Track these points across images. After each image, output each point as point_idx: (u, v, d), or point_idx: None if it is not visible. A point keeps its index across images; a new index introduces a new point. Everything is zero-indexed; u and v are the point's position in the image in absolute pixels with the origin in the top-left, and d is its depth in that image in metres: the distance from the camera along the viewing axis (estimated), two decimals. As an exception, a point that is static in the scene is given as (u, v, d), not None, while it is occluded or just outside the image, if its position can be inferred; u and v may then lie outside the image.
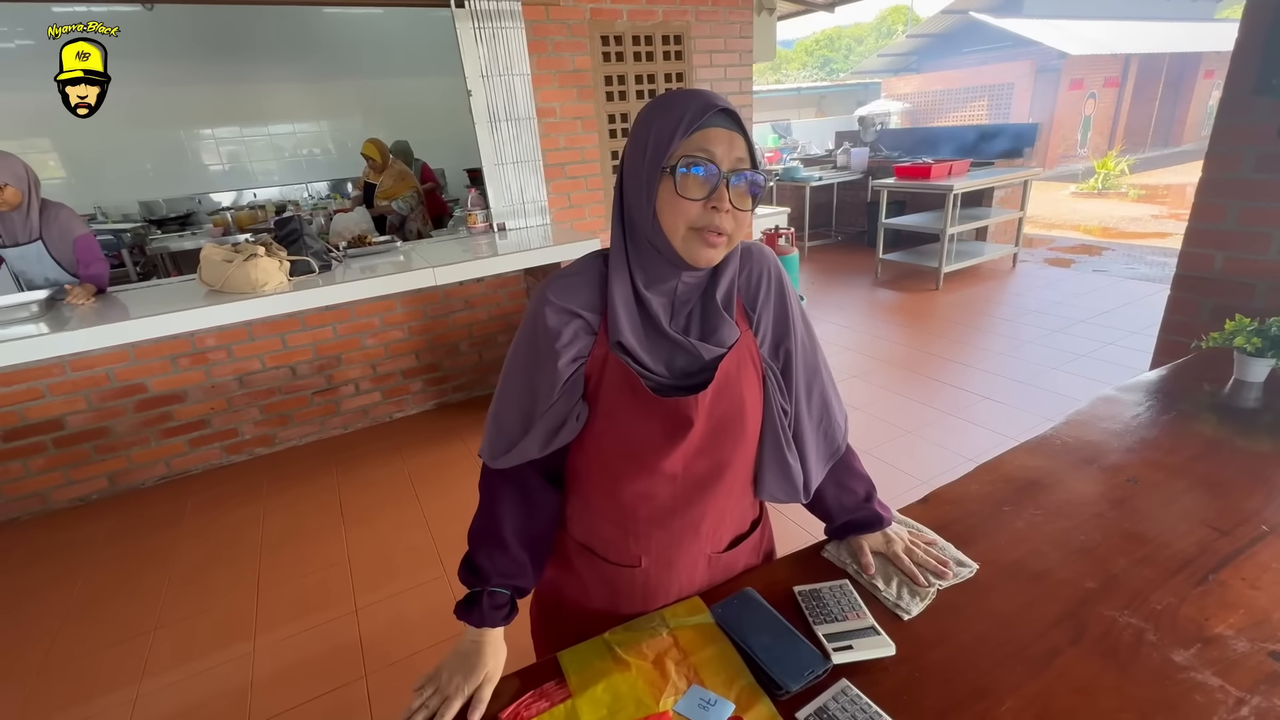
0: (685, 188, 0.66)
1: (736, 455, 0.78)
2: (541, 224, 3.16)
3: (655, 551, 0.82)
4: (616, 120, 3.26)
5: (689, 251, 0.68)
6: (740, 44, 3.50)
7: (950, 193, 4.32)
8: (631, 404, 0.73)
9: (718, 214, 0.66)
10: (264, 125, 6.63)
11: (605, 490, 0.80)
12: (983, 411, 2.78)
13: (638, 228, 0.71)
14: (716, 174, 0.65)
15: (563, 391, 0.74)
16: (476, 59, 2.81)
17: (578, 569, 0.87)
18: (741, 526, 0.89)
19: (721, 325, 0.74)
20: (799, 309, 0.82)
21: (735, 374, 0.75)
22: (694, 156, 0.65)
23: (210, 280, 2.25)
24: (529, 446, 0.76)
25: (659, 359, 0.74)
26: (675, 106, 0.67)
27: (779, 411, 0.79)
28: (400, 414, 3.15)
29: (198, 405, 2.70)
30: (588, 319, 0.74)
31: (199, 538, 2.32)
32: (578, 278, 0.75)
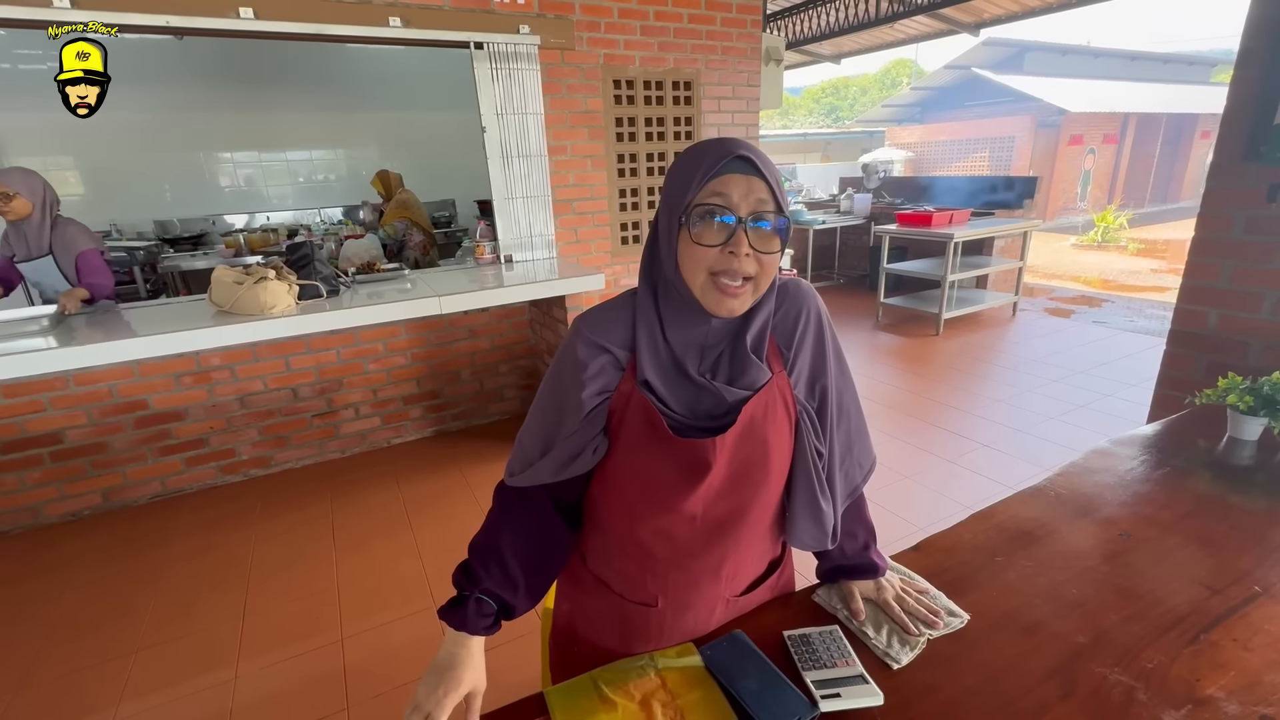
0: (701, 235, 0.67)
1: (759, 499, 0.78)
2: (548, 257, 3.22)
3: (672, 592, 0.82)
4: (625, 160, 3.35)
5: (708, 301, 0.70)
6: (748, 92, 3.62)
7: (951, 240, 4.40)
8: (651, 442, 0.74)
9: (735, 259, 0.67)
10: (282, 151, 6.81)
11: (624, 527, 0.80)
12: (981, 459, 2.77)
13: (665, 274, 0.73)
14: (733, 219, 0.67)
15: (584, 422, 0.75)
16: (492, 98, 2.90)
17: (594, 604, 0.87)
18: (760, 569, 0.89)
19: (750, 368, 0.74)
20: (836, 346, 0.82)
21: (761, 417, 0.75)
22: (708, 204, 0.67)
23: (220, 301, 2.28)
24: (543, 470, 0.78)
25: (683, 401, 0.75)
26: (696, 155, 0.69)
27: (813, 454, 0.78)
28: (399, 440, 3.15)
29: (197, 424, 2.71)
30: (617, 355, 0.76)
31: (188, 559, 2.30)
32: (612, 314, 0.77)
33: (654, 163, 3.44)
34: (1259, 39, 1.68)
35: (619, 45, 3.17)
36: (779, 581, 0.92)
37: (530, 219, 3.14)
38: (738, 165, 0.67)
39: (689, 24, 3.33)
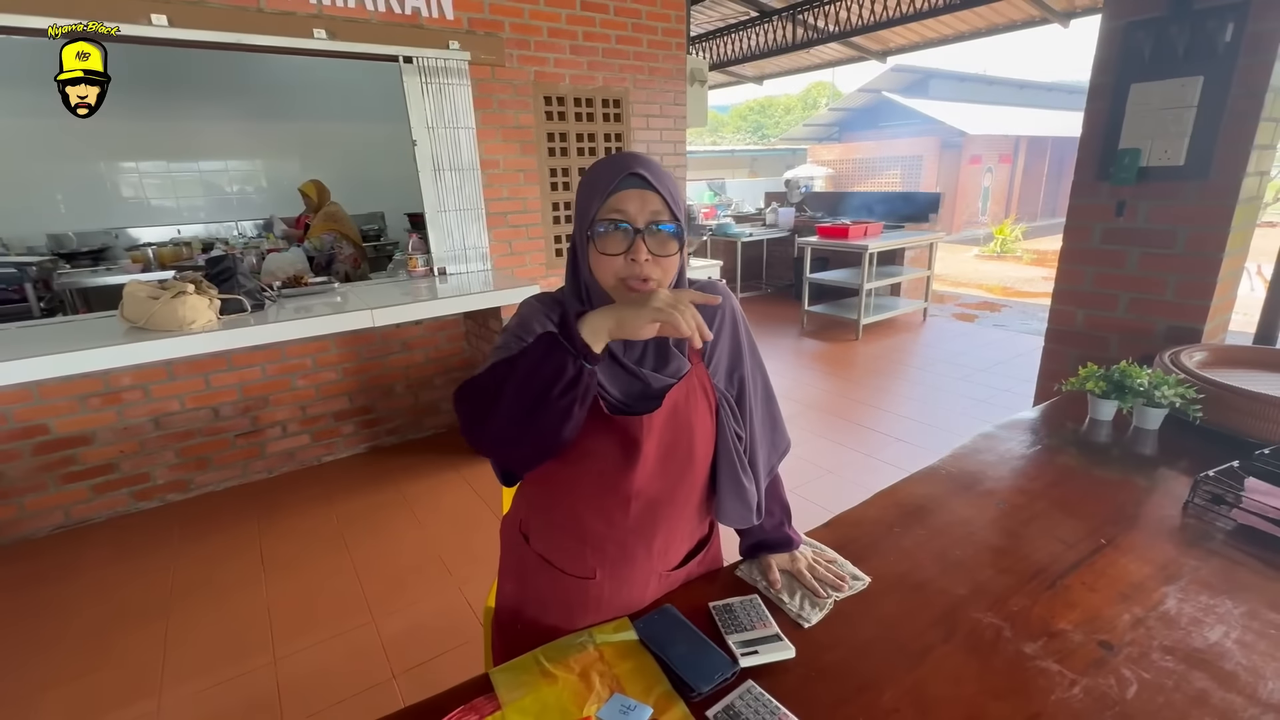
0: (604, 245, 0.76)
1: (686, 479, 0.87)
2: (482, 269, 3.23)
3: (609, 566, 0.89)
4: (558, 174, 3.42)
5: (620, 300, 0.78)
6: (675, 110, 3.78)
7: (866, 252, 4.72)
8: (592, 424, 0.80)
9: (637, 264, 0.76)
10: (194, 161, 6.44)
11: (565, 505, 0.87)
12: (893, 451, 2.99)
13: (584, 280, 0.82)
14: (630, 230, 0.75)
15: None
16: (423, 111, 2.91)
17: (537, 582, 0.93)
18: (689, 545, 0.97)
19: (672, 359, 0.84)
20: (751, 340, 0.93)
21: (684, 403, 0.84)
22: (608, 218, 0.76)
23: (133, 317, 2.18)
24: None
25: (618, 386, 0.83)
26: (594, 175, 0.79)
27: (733, 437, 0.88)
28: (330, 457, 3.06)
29: (106, 448, 2.55)
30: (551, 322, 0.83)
31: (100, 591, 2.16)
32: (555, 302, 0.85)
33: (586, 177, 3.53)
34: (1104, 76, 1.95)
35: (549, 63, 3.26)
36: (707, 557, 1.01)
37: (463, 232, 3.15)
38: (633, 181, 0.76)
39: (617, 44, 3.45)
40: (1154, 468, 1.31)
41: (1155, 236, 1.90)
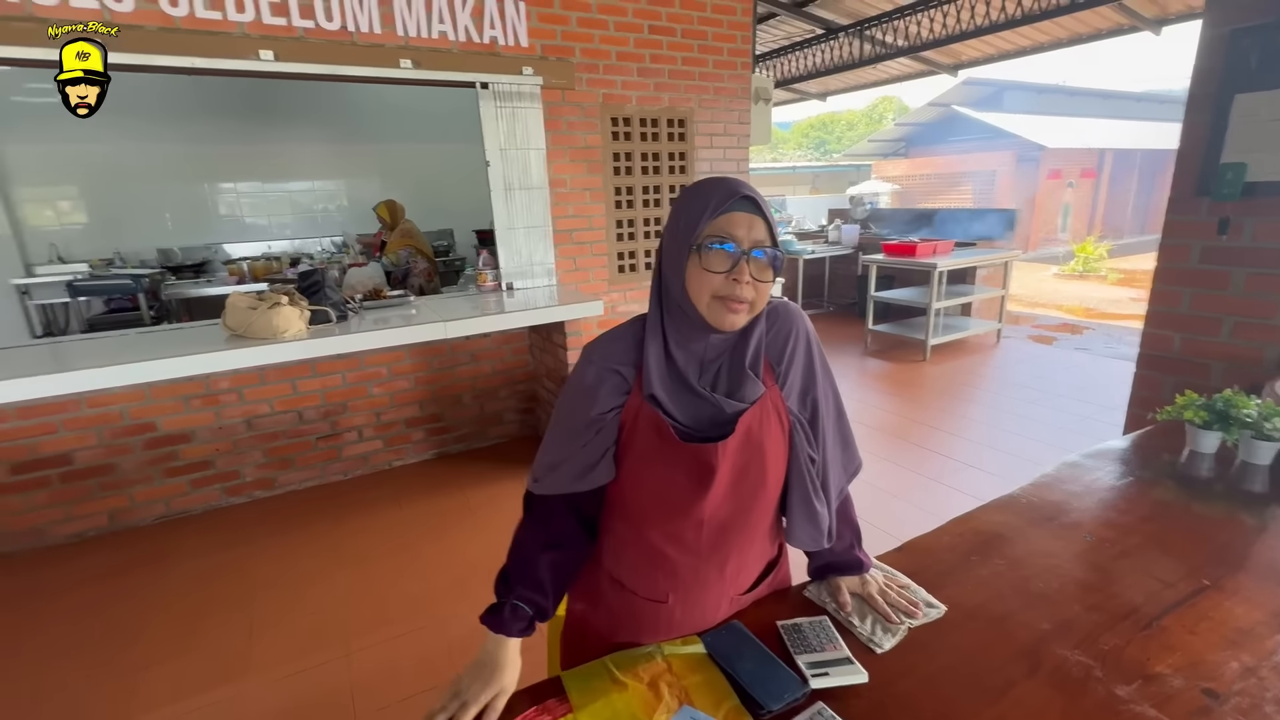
0: (709, 263, 0.78)
1: (758, 503, 0.87)
2: (548, 285, 3.33)
3: (682, 590, 0.90)
4: (622, 192, 3.50)
5: (714, 317, 0.79)
6: (739, 129, 3.80)
7: (935, 270, 4.56)
8: (661, 450, 0.83)
9: (738, 285, 0.77)
10: (284, 182, 6.96)
11: (638, 530, 0.89)
12: (964, 478, 2.86)
13: (671, 295, 0.83)
14: (737, 252, 0.78)
15: (597, 435, 0.85)
16: (496, 134, 3.05)
17: (608, 601, 0.95)
18: (760, 568, 0.97)
19: (746, 382, 0.84)
20: (824, 361, 0.92)
21: (757, 427, 0.84)
22: (717, 236, 0.78)
23: (234, 325, 2.37)
24: (561, 479, 0.87)
25: (687, 412, 0.84)
26: (704, 193, 0.80)
27: (806, 460, 0.88)
28: (400, 462, 3.21)
29: (204, 446, 2.77)
30: (624, 374, 0.86)
31: (193, 579, 2.33)
32: (618, 341, 0.88)
33: (650, 195, 3.59)
34: (1205, 87, 1.84)
35: (617, 85, 3.35)
36: (776, 578, 1.00)
37: (531, 248, 3.27)
38: (742, 205, 0.79)
39: (683, 66, 3.52)
40: (1264, 506, 1.21)
41: (1263, 256, 1.77)
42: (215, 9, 2.45)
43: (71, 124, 5.83)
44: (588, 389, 0.86)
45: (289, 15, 2.56)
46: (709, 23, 3.52)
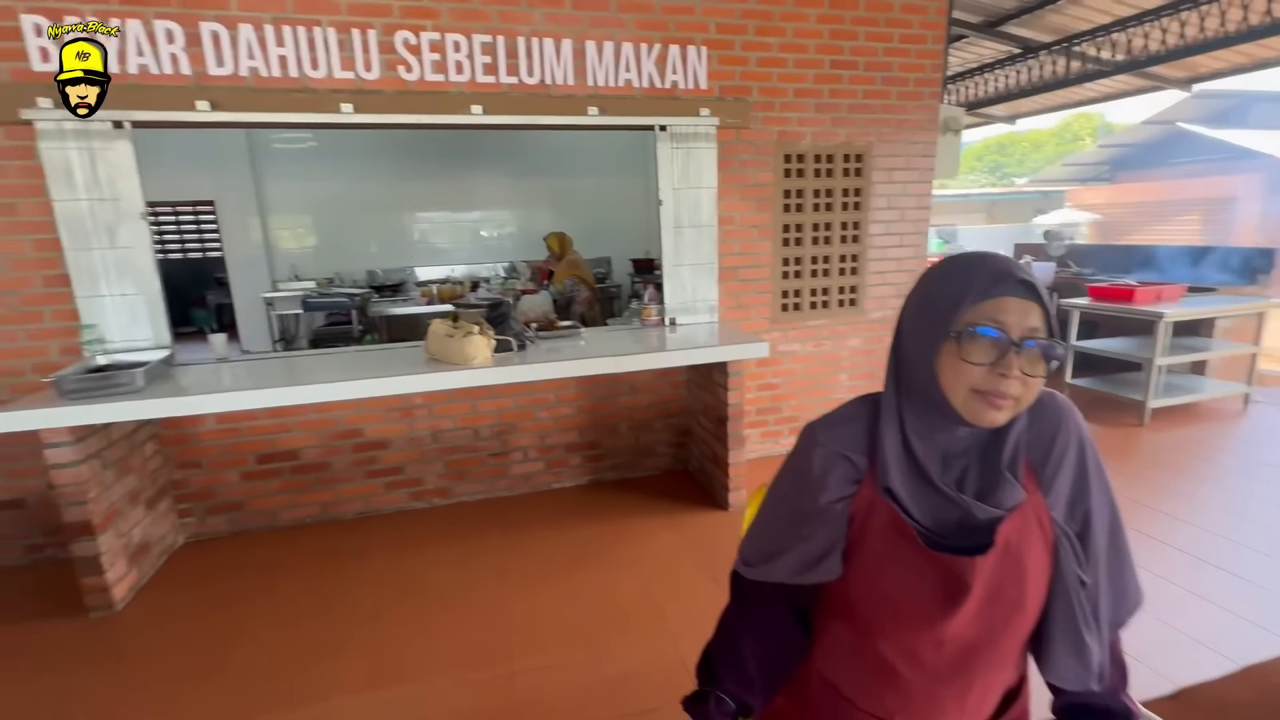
0: (970, 353, 0.68)
1: (1012, 627, 0.75)
2: (710, 321, 3.33)
3: (913, 712, 0.80)
4: (791, 230, 3.41)
5: (970, 411, 0.70)
6: (921, 162, 3.55)
7: (1160, 320, 3.87)
8: (900, 553, 0.75)
9: (1004, 380, 0.68)
10: (466, 211, 7.80)
11: (864, 636, 0.80)
12: (1209, 582, 2.33)
13: (914, 380, 0.75)
14: (1006, 341, 0.68)
15: (823, 526, 0.78)
16: (670, 174, 3.13)
17: (817, 704, 0.87)
18: (1000, 695, 0.84)
19: (1002, 485, 0.73)
20: (1099, 465, 0.78)
21: (1017, 540, 0.73)
22: (983, 322, 0.68)
23: (433, 350, 2.64)
24: (780, 569, 0.81)
25: (928, 512, 0.75)
26: (967, 271, 0.71)
27: (1075, 583, 0.74)
28: (559, 485, 3.35)
29: (398, 453, 3.11)
30: (855, 461, 0.78)
31: (383, 573, 2.60)
32: (847, 424, 0.81)
33: (819, 232, 3.46)
34: None
35: (792, 122, 3.29)
36: (1015, 712, 0.85)
37: (695, 285, 3.29)
38: (1016, 289, 0.69)
39: (864, 99, 3.37)
40: None
41: None
42: (439, 72, 2.79)
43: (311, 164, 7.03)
44: (813, 474, 0.79)
45: (497, 74, 2.85)
46: (896, 53, 3.34)
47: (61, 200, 2.48)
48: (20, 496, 2.71)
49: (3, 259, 2.52)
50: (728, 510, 3.00)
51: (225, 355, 2.84)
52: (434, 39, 2.75)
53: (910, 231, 3.61)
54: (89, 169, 2.48)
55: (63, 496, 2.25)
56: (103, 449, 2.41)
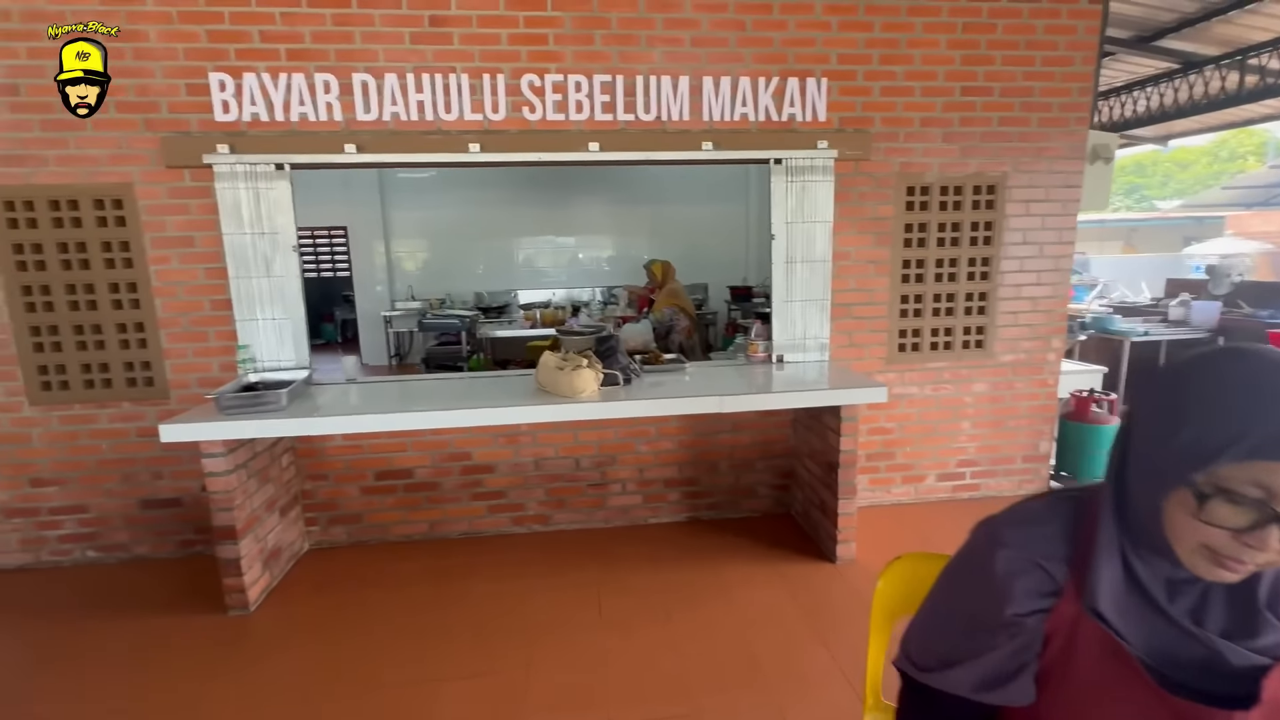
0: (1216, 515, 0.56)
1: None
2: (819, 360, 3.18)
3: None
4: (911, 265, 3.20)
5: (1194, 564, 0.58)
6: (1065, 193, 3.23)
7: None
8: (1120, 688, 0.63)
9: (1251, 550, 0.55)
10: (567, 236, 8.07)
11: None
12: None
13: (1132, 504, 0.63)
14: (1270, 514, 0.54)
15: (1011, 640, 0.67)
16: (785, 207, 3.04)
17: None
18: None
19: (1261, 625, 0.60)
20: None
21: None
22: (1243, 487, 0.54)
23: (543, 381, 2.69)
24: (959, 680, 0.70)
25: (1151, 643, 0.63)
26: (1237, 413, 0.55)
27: None
28: (655, 520, 3.30)
29: (502, 478, 3.18)
30: (1051, 571, 0.67)
31: (485, 597, 2.64)
32: (1040, 526, 0.70)
33: (944, 269, 3.23)
34: None
35: (917, 153, 3.11)
36: None
37: (806, 321, 3.16)
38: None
39: (998, 127, 3.13)
40: None
41: None
42: (560, 111, 2.88)
43: (430, 193, 7.54)
44: (995, 579, 0.68)
45: (615, 111, 2.90)
46: (1037, 77, 3.09)
47: (230, 234, 2.78)
48: (179, 495, 3.02)
49: (180, 285, 2.86)
50: (835, 563, 2.81)
51: (354, 376, 3.05)
52: (557, 80, 2.85)
53: (1049, 269, 3.29)
54: (254, 206, 2.77)
55: (214, 502, 2.48)
56: (249, 460, 2.63)
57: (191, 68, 2.67)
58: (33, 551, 3.01)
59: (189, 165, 2.73)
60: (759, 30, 2.91)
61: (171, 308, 2.86)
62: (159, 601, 2.69)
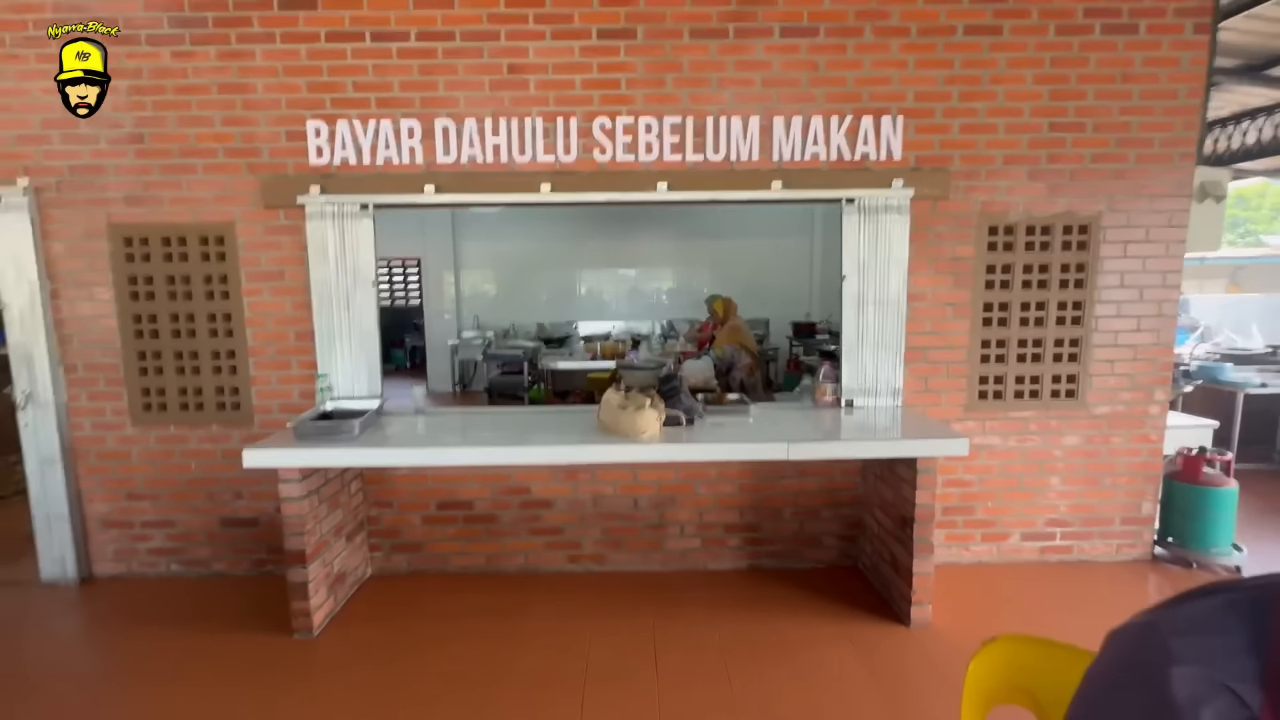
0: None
1: None
2: (891, 405, 3.02)
3: None
4: (994, 309, 3.02)
5: None
6: (1167, 234, 2.99)
7: None
8: None
9: None
10: (628, 269, 8.16)
11: None
12: None
13: None
14: None
15: None
16: (857, 248, 2.95)
17: None
18: None
19: None
20: None
21: None
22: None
23: (604, 419, 2.67)
24: None
25: None
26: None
27: None
28: (714, 566, 3.19)
29: (560, 514, 3.16)
30: (1242, 694, 0.56)
31: (540, 638, 2.59)
32: (1219, 635, 0.58)
33: (1030, 312, 3.03)
34: None
35: (1000, 191, 2.96)
36: None
37: (877, 365, 3.02)
38: None
39: (1091, 164, 2.95)
40: None
41: None
42: (630, 152, 2.92)
43: (499, 226, 7.78)
44: (1177, 706, 0.57)
45: (684, 152, 2.92)
46: (1135, 111, 2.90)
47: (316, 269, 2.94)
48: (255, 516, 3.16)
49: (269, 316, 3.03)
50: (909, 626, 2.61)
51: (422, 407, 3.12)
52: (627, 122, 2.89)
53: (1151, 314, 3.03)
54: (339, 243, 2.92)
55: (287, 526, 2.56)
56: (320, 486, 2.72)
57: (291, 116, 2.88)
58: (125, 562, 3.20)
59: (284, 205, 2.91)
60: (832, 70, 2.87)
61: (260, 337, 3.04)
62: (231, 619, 2.78)
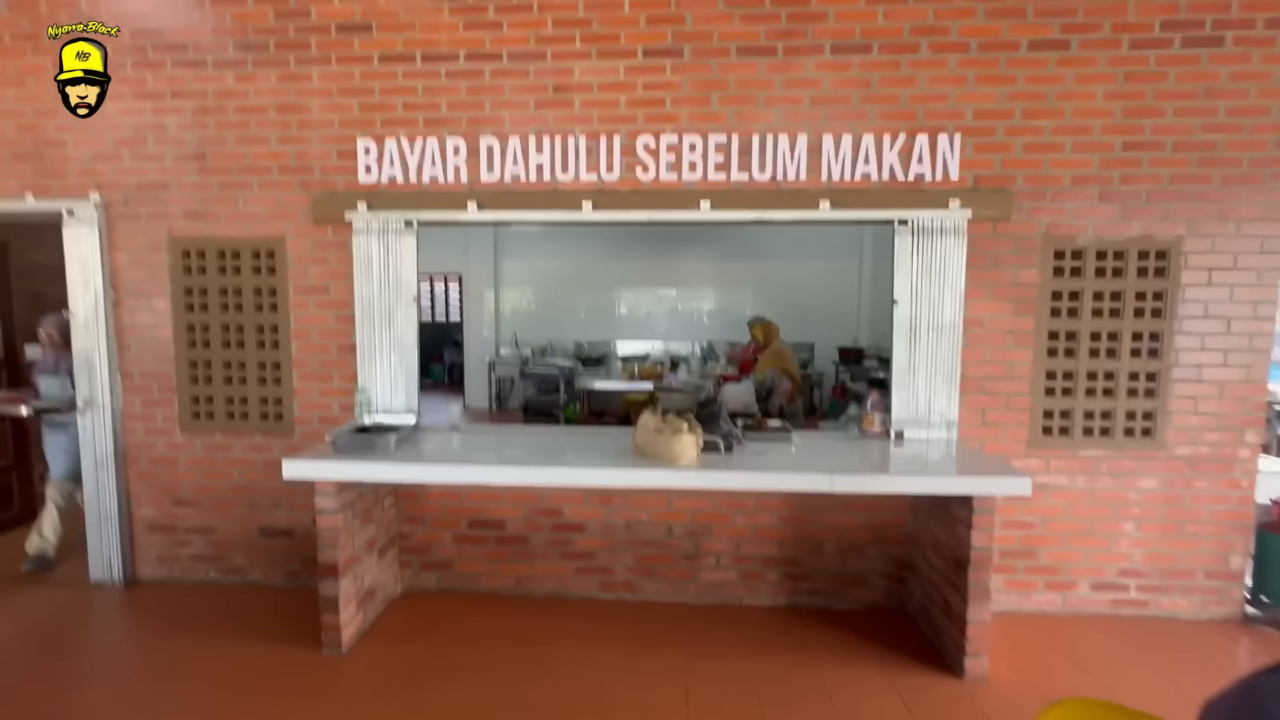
0: None
1: None
2: (945, 438, 2.84)
3: None
4: (1060, 338, 2.82)
5: None
6: (1260, 260, 2.74)
7: None
8: None
9: None
10: (668, 289, 8.10)
11: None
12: None
13: None
14: None
15: None
16: (909, 271, 2.81)
17: None
18: None
19: None
20: None
21: None
22: None
23: (641, 443, 2.58)
24: None
25: None
26: None
27: None
28: (751, 601, 3.03)
29: (592, 539, 3.07)
30: None
31: (567, 667, 2.49)
32: None
33: (1100, 343, 2.81)
34: None
35: (1067, 213, 2.78)
36: None
37: (930, 395, 2.85)
38: None
39: (1170, 185, 2.74)
40: None
41: None
42: (673, 171, 2.87)
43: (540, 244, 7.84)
44: None
45: (729, 171, 2.85)
46: (1220, 129, 2.70)
47: (360, 284, 2.98)
48: (291, 526, 3.18)
49: (314, 329, 3.08)
50: (962, 678, 2.40)
51: (458, 424, 3.10)
52: (671, 141, 2.85)
53: (1240, 348, 2.77)
54: (383, 259, 2.95)
55: (321, 539, 2.56)
56: (355, 500, 2.71)
57: (343, 135, 2.95)
58: (167, 566, 3.26)
59: (332, 221, 2.97)
60: (885, 87, 2.77)
61: (304, 349, 3.09)
62: (263, 630, 2.78)
